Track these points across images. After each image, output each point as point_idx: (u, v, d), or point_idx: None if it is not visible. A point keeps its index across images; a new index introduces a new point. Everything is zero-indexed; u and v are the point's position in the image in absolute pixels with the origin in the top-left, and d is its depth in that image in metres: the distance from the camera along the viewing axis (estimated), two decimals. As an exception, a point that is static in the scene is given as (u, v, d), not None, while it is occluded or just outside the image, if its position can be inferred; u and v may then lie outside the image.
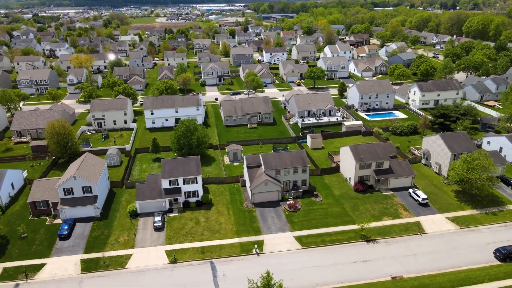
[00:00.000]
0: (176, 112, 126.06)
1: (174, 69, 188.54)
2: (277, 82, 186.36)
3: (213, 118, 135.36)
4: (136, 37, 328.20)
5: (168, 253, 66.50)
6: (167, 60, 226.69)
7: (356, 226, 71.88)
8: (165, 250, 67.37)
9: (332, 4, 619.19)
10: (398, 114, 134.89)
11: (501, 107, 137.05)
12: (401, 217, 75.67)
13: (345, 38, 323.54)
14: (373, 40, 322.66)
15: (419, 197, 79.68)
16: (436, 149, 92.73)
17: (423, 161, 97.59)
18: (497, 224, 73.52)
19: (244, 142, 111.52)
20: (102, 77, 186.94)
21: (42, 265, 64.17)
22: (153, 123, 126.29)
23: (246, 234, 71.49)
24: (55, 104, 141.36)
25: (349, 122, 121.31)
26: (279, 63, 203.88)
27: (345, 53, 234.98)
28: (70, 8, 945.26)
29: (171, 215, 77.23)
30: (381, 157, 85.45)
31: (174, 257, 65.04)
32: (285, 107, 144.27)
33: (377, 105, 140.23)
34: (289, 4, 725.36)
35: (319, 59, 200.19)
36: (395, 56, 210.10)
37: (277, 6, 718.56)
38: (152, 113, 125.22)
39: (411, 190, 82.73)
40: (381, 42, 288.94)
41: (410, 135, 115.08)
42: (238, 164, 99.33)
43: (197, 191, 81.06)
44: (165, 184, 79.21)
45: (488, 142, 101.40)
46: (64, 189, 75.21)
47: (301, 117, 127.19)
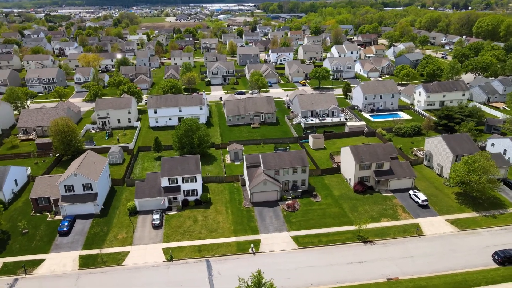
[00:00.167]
0: (180, 111, 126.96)
1: (180, 69, 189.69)
2: (282, 82, 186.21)
3: (217, 118, 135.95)
4: (144, 37, 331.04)
5: (165, 251, 67.08)
6: (174, 60, 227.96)
7: (354, 227, 71.62)
8: (162, 248, 67.95)
9: (342, 4, 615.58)
10: (403, 115, 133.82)
11: (508, 109, 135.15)
12: (400, 219, 75.15)
13: (353, 38, 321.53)
14: (381, 40, 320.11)
15: (419, 199, 78.97)
16: (438, 151, 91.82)
17: (425, 163, 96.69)
18: (497, 227, 72.57)
19: (246, 142, 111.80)
20: (109, 76, 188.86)
21: (41, 261, 65.19)
22: (157, 122, 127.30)
23: (244, 233, 71.71)
24: (61, 102, 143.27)
25: (352, 123, 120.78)
26: (285, 63, 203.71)
27: (352, 53, 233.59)
28: (82, 8, 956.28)
29: (170, 213, 77.82)
30: (381, 158, 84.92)
31: (171, 255, 65.60)
32: (289, 107, 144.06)
33: (382, 106, 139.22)
34: (299, 4, 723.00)
35: (325, 59, 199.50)
36: (402, 57, 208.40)
37: (286, 6, 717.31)
38: (156, 112, 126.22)
39: (411, 192, 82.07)
40: (389, 42, 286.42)
41: (414, 136, 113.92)
42: (239, 164, 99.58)
43: (196, 190, 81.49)
44: (165, 183, 79.83)
45: (492, 144, 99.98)
46: (65, 186, 76.31)
47: (304, 117, 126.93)
